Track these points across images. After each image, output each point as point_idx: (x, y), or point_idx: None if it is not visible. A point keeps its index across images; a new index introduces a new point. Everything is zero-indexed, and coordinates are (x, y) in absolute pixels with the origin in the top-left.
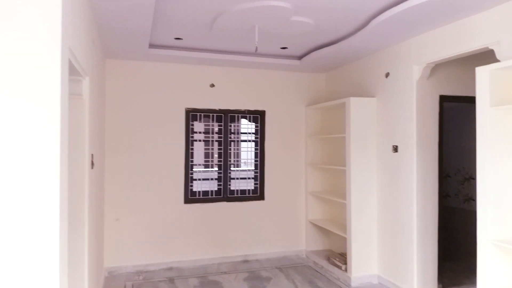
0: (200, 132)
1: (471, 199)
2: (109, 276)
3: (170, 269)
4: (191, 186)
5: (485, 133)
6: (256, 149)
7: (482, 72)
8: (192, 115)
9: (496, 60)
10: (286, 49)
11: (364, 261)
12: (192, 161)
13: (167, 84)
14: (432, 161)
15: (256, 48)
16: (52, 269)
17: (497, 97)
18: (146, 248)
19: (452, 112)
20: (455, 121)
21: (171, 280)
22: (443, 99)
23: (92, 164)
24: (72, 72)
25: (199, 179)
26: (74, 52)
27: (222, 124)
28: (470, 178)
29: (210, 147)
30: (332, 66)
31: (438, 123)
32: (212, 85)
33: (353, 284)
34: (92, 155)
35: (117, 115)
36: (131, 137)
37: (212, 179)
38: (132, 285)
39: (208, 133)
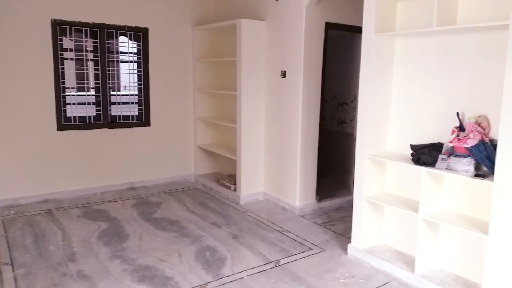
0: (71, 50)
1: (344, 122)
2: None
3: (46, 201)
4: (64, 111)
5: (369, 58)
6: (139, 72)
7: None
8: (60, 28)
9: None
10: None
11: (252, 180)
12: (63, 83)
13: None
14: (316, 87)
15: None
16: None
17: (381, 24)
18: (15, 180)
19: (332, 40)
20: (334, 49)
21: (49, 213)
22: (328, 26)
23: None
24: None
25: (73, 104)
26: None
27: (98, 41)
28: (344, 103)
29: (85, 67)
30: None
31: (322, 50)
32: None
33: (241, 202)
34: None
35: None
36: None
37: (89, 103)
38: (3, 221)
39: (81, 50)
